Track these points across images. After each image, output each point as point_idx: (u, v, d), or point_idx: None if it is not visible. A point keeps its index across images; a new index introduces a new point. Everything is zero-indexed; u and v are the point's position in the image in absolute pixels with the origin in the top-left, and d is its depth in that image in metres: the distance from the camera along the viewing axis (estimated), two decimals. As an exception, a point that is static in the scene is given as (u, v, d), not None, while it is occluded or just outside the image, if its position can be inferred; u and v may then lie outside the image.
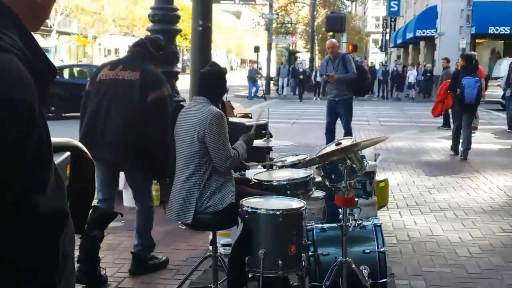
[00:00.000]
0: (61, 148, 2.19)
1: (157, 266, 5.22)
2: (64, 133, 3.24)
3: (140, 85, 4.74)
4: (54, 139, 2.26)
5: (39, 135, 1.26)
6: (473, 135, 12.17)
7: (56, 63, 43.09)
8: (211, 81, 4.43)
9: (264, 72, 37.53)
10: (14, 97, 1.19)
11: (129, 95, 4.74)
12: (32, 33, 1.35)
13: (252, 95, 32.57)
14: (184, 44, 52.43)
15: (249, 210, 3.86)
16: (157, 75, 4.95)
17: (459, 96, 11.25)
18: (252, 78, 33.50)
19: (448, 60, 17.77)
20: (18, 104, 1.20)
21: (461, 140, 11.82)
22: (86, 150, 2.34)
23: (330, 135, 10.49)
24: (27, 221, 1.26)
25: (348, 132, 10.10)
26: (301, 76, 33.06)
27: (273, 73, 40.06)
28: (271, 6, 37.64)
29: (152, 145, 4.74)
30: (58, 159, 2.08)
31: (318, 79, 27.44)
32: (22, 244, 1.26)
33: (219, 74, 4.50)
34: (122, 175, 7.20)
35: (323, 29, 36.83)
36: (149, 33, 7.64)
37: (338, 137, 8.43)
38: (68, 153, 2.17)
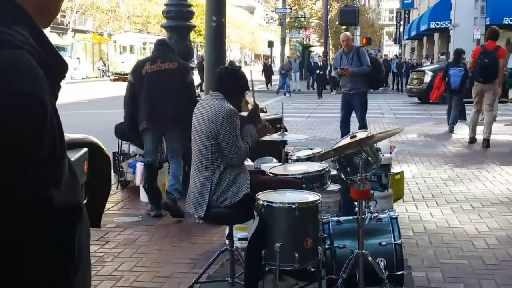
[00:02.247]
0: (79, 144, 2.22)
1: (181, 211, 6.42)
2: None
3: (179, 72, 6.49)
4: (71, 136, 2.29)
5: (52, 130, 1.28)
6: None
7: (73, 61, 43.31)
8: (229, 81, 4.53)
9: (277, 67, 37.41)
10: (26, 93, 1.20)
11: (173, 80, 6.42)
12: (44, 29, 1.36)
13: (282, 90, 31.56)
14: (198, 40, 52.47)
15: (265, 204, 3.88)
16: (187, 63, 7.02)
17: (447, 83, 14.18)
18: (285, 73, 32.00)
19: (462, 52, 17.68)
20: (30, 99, 1.20)
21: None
22: (103, 146, 2.37)
23: (345, 129, 10.48)
24: (42, 216, 1.28)
25: (363, 125, 10.07)
26: (318, 71, 31.05)
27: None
28: (284, 0, 37.60)
29: (187, 111, 5.45)
30: (75, 155, 2.11)
31: (333, 73, 26.49)
32: (38, 238, 1.28)
33: (236, 74, 4.58)
34: (139, 171, 7.29)
35: (337, 22, 36.72)
36: (163, 30, 7.88)
37: (353, 130, 8.43)
38: (85, 149, 2.20)
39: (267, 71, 36.00)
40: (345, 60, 10.40)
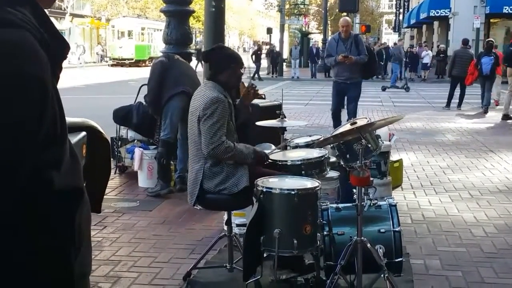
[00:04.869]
0: (77, 128, 2.20)
1: None
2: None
3: None
4: (70, 119, 2.26)
5: (53, 111, 1.26)
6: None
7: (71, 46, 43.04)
8: (210, 63, 4.55)
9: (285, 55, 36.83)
10: (28, 73, 1.18)
11: (192, 69, 7.58)
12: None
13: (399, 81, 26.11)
14: (197, 26, 52.24)
15: (264, 190, 3.86)
16: None
17: (479, 70, 16.25)
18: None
19: (464, 42, 17.81)
20: (31, 80, 1.19)
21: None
22: (101, 130, 2.35)
23: (337, 119, 10.19)
24: (43, 198, 1.27)
25: (354, 116, 9.87)
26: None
27: (285, 55, 39.78)
28: (284, -13, 37.37)
29: None
30: (74, 139, 2.09)
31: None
32: (39, 220, 1.27)
33: (214, 53, 4.56)
34: (137, 156, 7.28)
35: (336, 9, 36.55)
36: (162, 15, 7.99)
37: (344, 121, 8.37)
38: (84, 133, 2.18)
39: (273, 58, 35.22)
40: (342, 47, 9.89)
